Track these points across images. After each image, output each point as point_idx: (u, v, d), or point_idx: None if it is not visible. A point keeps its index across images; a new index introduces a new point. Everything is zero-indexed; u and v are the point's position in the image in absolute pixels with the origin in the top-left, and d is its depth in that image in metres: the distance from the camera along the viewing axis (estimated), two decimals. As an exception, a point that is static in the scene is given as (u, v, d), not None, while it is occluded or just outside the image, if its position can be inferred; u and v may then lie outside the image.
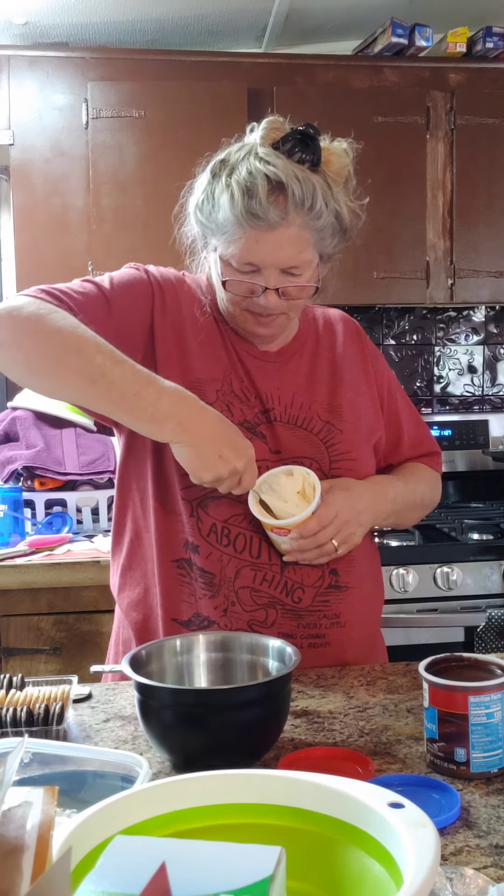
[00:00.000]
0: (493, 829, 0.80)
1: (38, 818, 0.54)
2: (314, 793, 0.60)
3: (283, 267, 1.20)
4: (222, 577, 1.24)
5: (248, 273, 1.21)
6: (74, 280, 1.27)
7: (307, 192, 1.16)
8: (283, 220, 1.16)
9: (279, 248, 1.18)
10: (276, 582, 1.24)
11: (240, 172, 1.17)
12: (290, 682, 0.97)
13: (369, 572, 1.35)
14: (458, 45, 2.74)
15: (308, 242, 1.20)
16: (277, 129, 1.22)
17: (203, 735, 0.90)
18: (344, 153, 1.25)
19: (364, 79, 2.72)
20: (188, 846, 0.51)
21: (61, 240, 2.59)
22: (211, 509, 1.24)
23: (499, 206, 2.76)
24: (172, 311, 1.28)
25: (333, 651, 1.28)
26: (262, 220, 1.16)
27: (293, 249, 1.19)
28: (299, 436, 1.29)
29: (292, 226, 1.17)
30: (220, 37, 2.90)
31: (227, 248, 1.20)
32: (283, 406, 1.30)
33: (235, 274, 1.21)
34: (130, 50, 2.74)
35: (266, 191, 1.15)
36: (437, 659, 0.97)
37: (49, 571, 2.17)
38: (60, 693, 1.06)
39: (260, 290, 1.21)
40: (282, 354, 1.33)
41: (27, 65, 2.58)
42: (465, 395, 3.17)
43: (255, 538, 1.24)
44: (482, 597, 2.32)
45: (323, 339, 1.39)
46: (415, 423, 1.46)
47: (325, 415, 1.31)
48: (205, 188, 1.22)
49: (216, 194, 1.19)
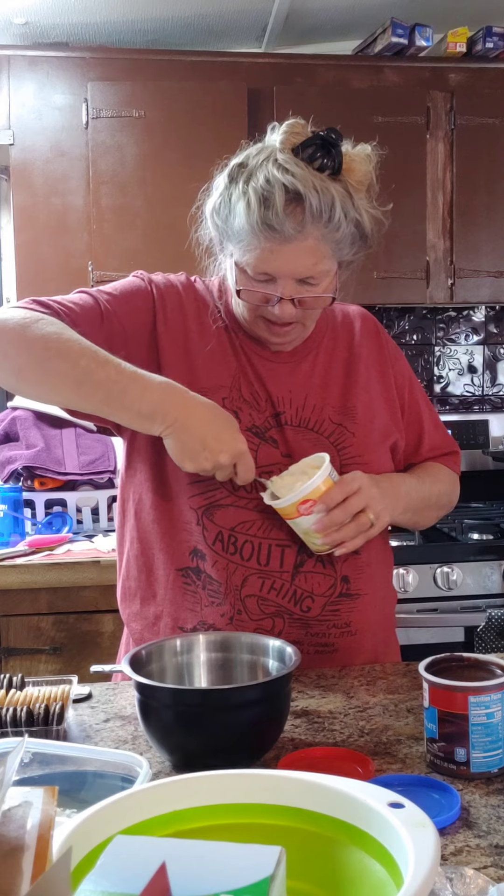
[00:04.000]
0: (493, 829, 0.80)
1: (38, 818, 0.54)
2: (314, 793, 0.60)
3: (298, 278, 1.18)
4: (229, 586, 1.22)
5: (263, 282, 1.19)
6: (74, 292, 1.27)
7: (325, 203, 1.13)
8: (300, 232, 1.14)
9: (295, 260, 1.16)
10: (285, 590, 1.22)
11: (257, 180, 1.14)
12: (290, 682, 0.97)
13: (382, 578, 1.33)
14: (458, 45, 2.74)
15: (325, 254, 1.17)
16: (298, 133, 1.19)
17: (203, 735, 0.90)
18: (367, 159, 1.22)
19: (364, 79, 2.72)
20: (188, 846, 0.51)
21: (61, 240, 2.59)
22: (217, 517, 1.22)
23: (499, 206, 2.76)
24: (175, 319, 1.27)
25: (341, 657, 1.26)
26: (278, 233, 1.13)
27: (310, 261, 1.16)
28: (310, 439, 1.27)
29: (309, 238, 1.15)
30: (220, 37, 2.90)
31: (243, 256, 1.18)
32: (294, 409, 1.28)
33: (250, 282, 1.20)
34: (130, 50, 2.74)
35: (283, 202, 1.12)
36: (437, 659, 0.97)
37: (49, 571, 2.17)
38: (60, 693, 1.06)
39: (275, 299, 1.19)
40: (296, 354, 1.31)
41: (27, 65, 2.58)
42: (465, 395, 3.17)
43: (263, 545, 1.22)
44: (482, 597, 2.32)
45: (340, 337, 1.36)
46: (434, 425, 1.43)
47: (337, 417, 1.29)
48: (222, 192, 1.20)
49: (233, 200, 1.17)
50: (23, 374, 1.15)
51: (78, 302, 1.23)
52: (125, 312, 1.25)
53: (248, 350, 1.29)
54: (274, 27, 2.81)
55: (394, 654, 1.37)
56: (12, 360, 1.15)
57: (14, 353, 1.14)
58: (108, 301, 1.25)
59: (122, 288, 1.28)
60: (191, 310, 1.29)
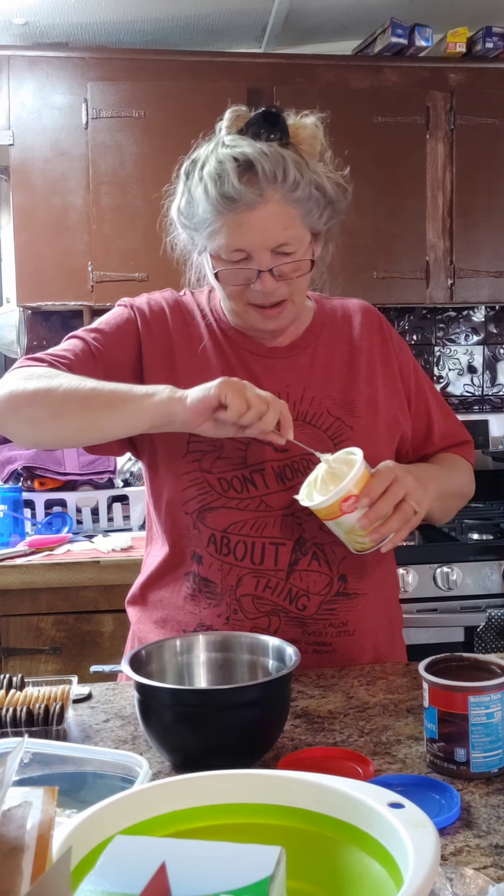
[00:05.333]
0: (493, 829, 0.80)
1: (38, 818, 0.54)
2: (314, 793, 0.60)
3: (272, 247, 1.18)
4: (224, 586, 1.23)
5: (239, 262, 1.19)
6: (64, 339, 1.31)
7: (277, 165, 1.15)
8: (260, 197, 1.15)
9: (264, 228, 1.17)
10: (280, 589, 1.22)
11: (210, 164, 1.17)
12: (290, 682, 0.97)
13: (383, 578, 1.32)
14: (457, 45, 2.74)
15: (293, 217, 1.18)
16: (241, 116, 1.22)
17: (203, 735, 0.90)
18: (313, 125, 1.23)
19: (364, 79, 2.72)
20: (188, 846, 0.51)
21: (61, 240, 2.59)
22: (209, 520, 1.23)
23: (499, 206, 2.76)
24: (160, 339, 1.28)
25: (340, 658, 1.26)
26: (238, 202, 1.15)
27: (278, 226, 1.17)
28: (307, 433, 1.26)
29: (271, 202, 1.16)
30: (220, 37, 2.90)
31: (214, 242, 1.19)
32: (291, 403, 1.27)
33: (227, 266, 1.20)
34: (130, 50, 2.74)
35: (237, 173, 1.14)
36: (437, 659, 0.97)
37: (49, 571, 2.17)
38: (60, 693, 1.06)
39: (254, 275, 1.19)
40: (293, 348, 1.31)
41: (27, 65, 2.58)
42: (465, 395, 3.17)
43: (256, 544, 1.22)
44: (482, 597, 2.32)
45: (340, 330, 1.35)
46: (444, 414, 1.41)
47: (336, 410, 1.28)
48: (182, 190, 1.22)
49: (192, 192, 1.19)
50: (38, 422, 1.18)
51: (70, 349, 1.26)
52: (114, 345, 1.28)
53: (242, 352, 1.29)
54: (274, 27, 2.81)
55: (399, 654, 1.35)
56: (25, 412, 1.17)
57: (24, 405, 1.17)
58: (97, 339, 1.28)
59: (109, 321, 1.31)
60: (177, 326, 1.30)
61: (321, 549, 1.24)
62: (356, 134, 2.64)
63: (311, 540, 1.24)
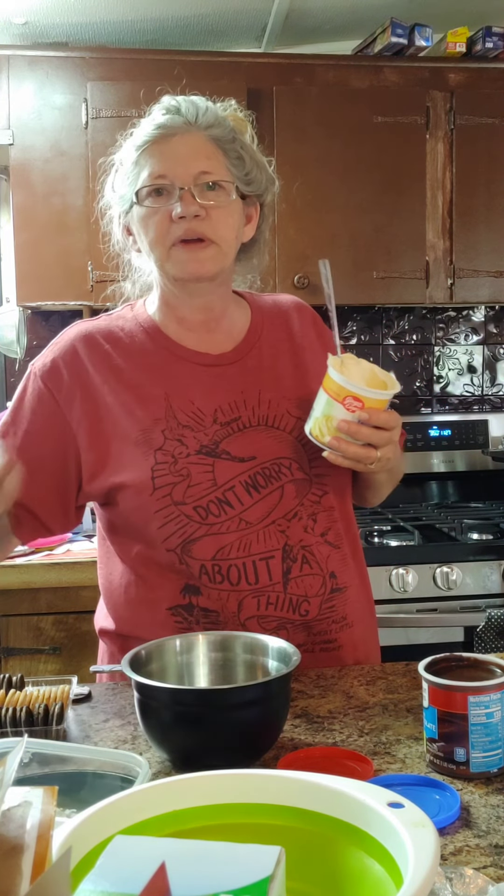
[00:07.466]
0: (493, 829, 0.80)
1: (38, 818, 0.54)
2: (314, 793, 0.60)
3: (193, 172, 1.19)
4: (226, 614, 1.20)
5: (163, 195, 1.20)
6: None
7: (200, 106, 1.22)
8: (184, 123, 1.20)
9: (186, 154, 1.20)
10: (281, 602, 1.21)
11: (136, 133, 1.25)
12: (290, 682, 0.97)
13: (358, 569, 1.33)
14: (457, 45, 2.74)
15: (215, 153, 1.21)
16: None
17: (203, 735, 0.90)
18: (244, 116, 1.29)
19: (364, 79, 2.72)
20: (188, 846, 0.51)
21: (61, 240, 2.59)
22: (195, 552, 1.20)
23: (499, 206, 2.76)
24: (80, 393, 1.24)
25: (345, 653, 1.27)
26: (161, 128, 1.20)
27: (201, 154, 1.20)
28: (274, 436, 1.24)
29: (192, 131, 1.20)
30: (220, 37, 2.90)
31: (139, 180, 1.21)
32: (250, 408, 1.25)
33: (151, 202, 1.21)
34: (130, 50, 2.74)
35: (162, 113, 1.22)
36: (436, 659, 0.97)
37: (49, 571, 2.17)
38: (60, 693, 1.06)
39: (175, 197, 1.19)
40: (238, 351, 1.29)
41: (27, 65, 2.58)
42: (464, 394, 3.17)
43: (247, 564, 1.20)
44: (482, 597, 2.32)
45: (279, 328, 1.34)
46: None
47: (296, 410, 1.27)
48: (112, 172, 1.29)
49: (121, 157, 1.26)
50: None
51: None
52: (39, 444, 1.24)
53: (184, 364, 1.26)
54: (274, 27, 2.81)
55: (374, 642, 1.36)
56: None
57: None
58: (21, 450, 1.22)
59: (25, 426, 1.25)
60: (97, 364, 1.25)
61: (308, 551, 1.23)
62: (356, 134, 2.64)
63: (297, 545, 1.23)
